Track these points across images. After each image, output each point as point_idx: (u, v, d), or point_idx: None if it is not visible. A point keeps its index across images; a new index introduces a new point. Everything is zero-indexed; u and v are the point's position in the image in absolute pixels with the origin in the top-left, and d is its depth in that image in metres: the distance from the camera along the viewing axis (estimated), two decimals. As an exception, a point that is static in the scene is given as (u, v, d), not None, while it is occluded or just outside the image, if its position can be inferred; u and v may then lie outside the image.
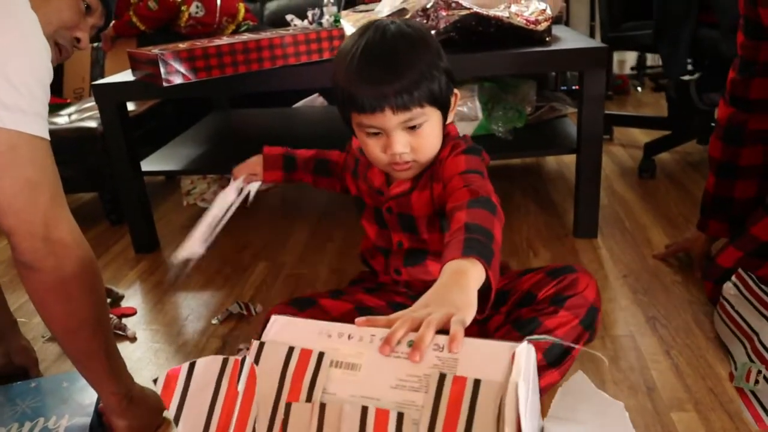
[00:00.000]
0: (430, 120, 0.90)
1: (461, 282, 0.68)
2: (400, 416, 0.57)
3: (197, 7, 2.35)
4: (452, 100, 0.95)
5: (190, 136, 2.04)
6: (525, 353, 0.57)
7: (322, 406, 0.59)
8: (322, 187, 1.19)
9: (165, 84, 1.34)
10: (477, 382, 0.56)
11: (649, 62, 3.41)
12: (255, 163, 1.16)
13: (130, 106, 2.01)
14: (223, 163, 1.78)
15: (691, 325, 1.20)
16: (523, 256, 1.54)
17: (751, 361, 1.00)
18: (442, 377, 0.57)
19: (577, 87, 2.75)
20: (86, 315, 0.88)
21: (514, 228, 1.69)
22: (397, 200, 1.02)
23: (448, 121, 0.97)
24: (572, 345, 0.90)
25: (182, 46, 1.41)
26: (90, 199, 2.21)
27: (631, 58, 3.46)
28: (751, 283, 1.10)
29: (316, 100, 2.39)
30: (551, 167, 2.20)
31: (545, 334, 0.93)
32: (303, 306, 1.01)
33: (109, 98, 1.57)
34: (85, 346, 0.90)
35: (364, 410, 0.58)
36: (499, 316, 1.01)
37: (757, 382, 0.97)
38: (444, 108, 0.92)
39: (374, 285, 1.12)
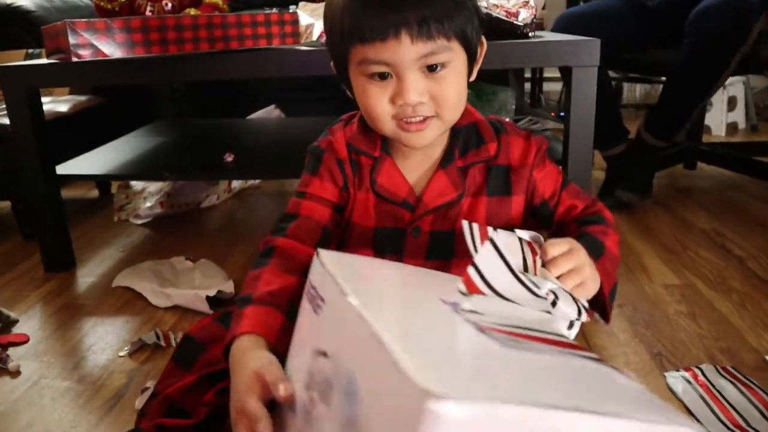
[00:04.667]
0: (455, 62, 0.66)
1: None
2: None
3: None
4: (480, 51, 0.72)
5: (123, 143, 1.79)
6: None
7: None
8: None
9: (74, 58, 1.10)
10: None
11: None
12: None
13: (60, 107, 1.77)
14: (154, 170, 1.54)
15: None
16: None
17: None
18: None
19: (552, 114, 2.60)
20: None
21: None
22: (437, 213, 0.74)
23: (472, 77, 0.73)
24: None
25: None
26: (4, 210, 1.93)
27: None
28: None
29: (272, 112, 2.18)
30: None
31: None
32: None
33: (17, 84, 1.32)
34: None
35: None
36: None
37: None
38: (472, 55, 0.69)
39: None
